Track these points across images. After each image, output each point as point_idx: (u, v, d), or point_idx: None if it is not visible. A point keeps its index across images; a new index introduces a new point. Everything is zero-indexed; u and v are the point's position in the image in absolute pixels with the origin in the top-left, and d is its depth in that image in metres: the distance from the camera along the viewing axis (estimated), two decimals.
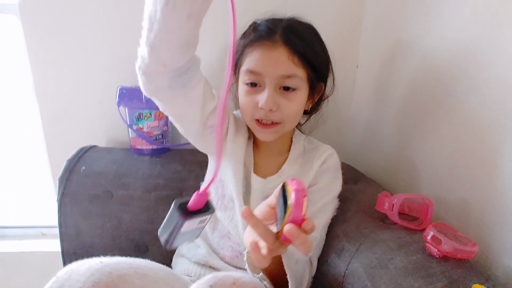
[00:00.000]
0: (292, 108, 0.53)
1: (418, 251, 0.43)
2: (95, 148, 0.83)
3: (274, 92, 0.51)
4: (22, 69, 0.88)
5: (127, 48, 0.85)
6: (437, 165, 0.58)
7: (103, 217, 0.71)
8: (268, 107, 0.50)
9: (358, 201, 0.60)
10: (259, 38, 0.51)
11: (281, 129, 0.55)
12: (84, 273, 0.36)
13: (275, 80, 0.50)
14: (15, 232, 1.06)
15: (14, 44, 0.89)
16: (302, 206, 0.31)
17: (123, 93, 0.78)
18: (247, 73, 0.52)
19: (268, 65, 0.50)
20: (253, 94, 0.52)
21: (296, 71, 0.50)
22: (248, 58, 0.52)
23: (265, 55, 0.50)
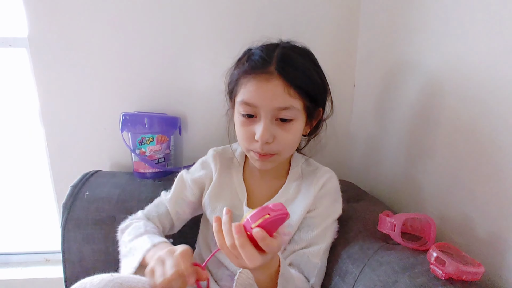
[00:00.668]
0: (289, 139, 0.52)
1: (423, 273, 0.42)
2: (99, 173, 0.84)
3: (270, 124, 0.50)
4: (29, 98, 0.91)
5: (129, 76, 0.89)
6: (440, 183, 0.58)
7: (106, 242, 0.71)
8: (264, 140, 0.50)
9: (361, 220, 0.60)
10: (253, 69, 0.50)
11: (278, 158, 0.55)
12: (97, 284, 0.38)
13: (271, 112, 0.49)
14: (19, 259, 1.06)
15: (22, 75, 0.94)
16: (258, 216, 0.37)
17: (126, 119, 0.80)
18: (242, 104, 0.51)
19: (263, 98, 0.49)
20: (249, 125, 0.52)
21: (293, 102, 0.49)
22: (243, 89, 0.51)
23: (260, 88, 0.49)
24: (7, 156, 1.19)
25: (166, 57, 0.88)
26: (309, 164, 0.64)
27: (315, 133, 0.62)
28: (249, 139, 0.52)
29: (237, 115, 0.54)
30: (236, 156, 0.65)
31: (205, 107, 0.92)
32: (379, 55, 0.81)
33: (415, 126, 0.66)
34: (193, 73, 0.90)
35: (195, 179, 0.63)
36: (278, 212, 0.37)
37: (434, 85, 0.60)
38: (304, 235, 0.55)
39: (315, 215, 0.56)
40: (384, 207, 0.66)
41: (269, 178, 0.61)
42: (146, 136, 0.81)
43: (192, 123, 0.93)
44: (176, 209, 0.63)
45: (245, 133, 0.53)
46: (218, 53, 0.88)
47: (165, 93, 0.91)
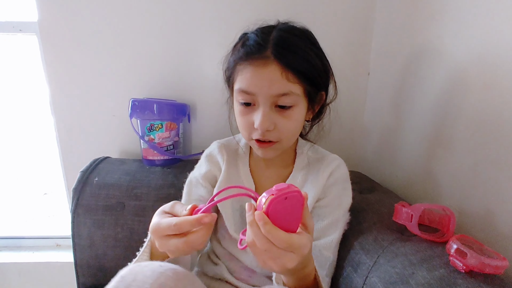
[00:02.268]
0: (290, 126, 0.50)
1: (441, 266, 0.40)
2: (108, 160, 0.84)
3: (269, 111, 0.48)
4: (39, 85, 0.91)
5: (139, 62, 0.88)
6: (460, 175, 0.55)
7: (116, 228, 0.72)
8: (263, 128, 0.48)
9: (375, 211, 0.58)
10: (248, 55, 0.47)
11: (280, 146, 0.53)
12: (150, 275, 0.36)
13: (269, 99, 0.47)
14: (31, 243, 1.08)
15: (32, 62, 0.94)
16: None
17: (135, 105, 0.79)
18: (239, 92, 0.49)
19: (260, 85, 0.46)
20: (248, 113, 0.50)
21: (292, 88, 0.46)
22: (239, 76, 0.49)
23: (256, 74, 0.46)
24: (19, 142, 1.20)
25: (176, 43, 0.86)
26: (315, 151, 0.62)
27: (319, 119, 0.60)
28: (249, 128, 0.51)
29: (236, 104, 0.52)
30: (241, 147, 0.63)
31: (215, 95, 0.90)
32: (397, 42, 0.77)
33: (435, 117, 0.63)
34: (203, 60, 0.88)
35: (206, 174, 0.61)
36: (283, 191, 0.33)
37: (457, 74, 0.57)
38: (314, 225, 0.53)
39: (325, 204, 0.55)
40: (398, 199, 0.64)
41: (275, 168, 0.60)
42: (155, 123, 0.80)
43: (201, 111, 0.92)
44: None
45: (245, 122, 0.51)
46: (228, 39, 0.86)
47: (175, 80, 0.90)
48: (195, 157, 0.88)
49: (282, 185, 0.34)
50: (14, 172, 1.26)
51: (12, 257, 1.01)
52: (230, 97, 0.57)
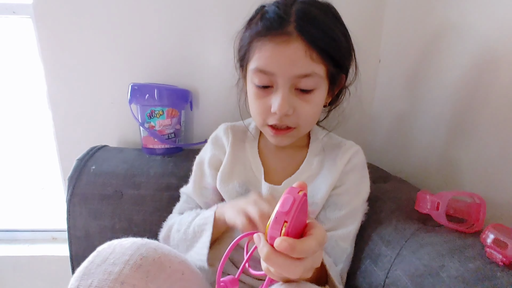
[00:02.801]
0: (310, 111, 0.46)
1: (475, 257, 0.36)
2: (106, 148, 0.80)
3: (289, 94, 0.43)
4: (35, 70, 0.87)
5: (139, 45, 0.83)
6: (485, 163, 0.51)
7: (113, 218, 0.67)
8: (282, 112, 0.43)
9: (392, 200, 0.54)
10: (268, 30, 0.42)
11: (296, 133, 0.49)
12: (129, 247, 0.34)
13: (290, 81, 0.43)
14: (26, 236, 1.04)
15: (27, 46, 0.89)
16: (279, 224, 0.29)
17: (135, 89, 0.75)
18: (256, 73, 0.44)
19: (281, 64, 0.42)
20: (264, 97, 0.45)
21: (315, 68, 0.42)
22: (257, 54, 0.43)
23: (277, 52, 0.41)
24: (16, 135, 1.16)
25: (177, 26, 0.82)
26: (331, 137, 0.58)
27: (337, 103, 0.56)
28: (265, 113, 0.46)
29: (250, 86, 0.47)
30: (250, 130, 0.59)
31: (218, 82, 0.86)
32: (411, 25, 0.72)
33: (456, 102, 0.58)
34: (206, 45, 0.84)
35: (210, 160, 0.58)
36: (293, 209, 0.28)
37: (483, 54, 0.52)
38: (331, 214, 0.49)
39: (342, 192, 0.50)
40: (415, 188, 0.60)
41: (287, 152, 0.56)
42: (155, 109, 0.76)
43: (203, 99, 0.88)
44: (203, 200, 0.57)
45: (260, 106, 0.46)
46: (231, 22, 0.81)
47: (176, 66, 0.85)
48: (197, 146, 0.84)
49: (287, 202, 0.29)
50: (11, 167, 1.22)
51: (7, 250, 0.97)
52: (242, 79, 0.53)
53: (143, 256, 0.33)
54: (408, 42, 0.74)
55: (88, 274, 0.32)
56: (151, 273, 0.33)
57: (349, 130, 0.88)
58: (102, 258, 0.33)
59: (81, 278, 0.32)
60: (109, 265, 0.32)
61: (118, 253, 0.33)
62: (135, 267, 0.32)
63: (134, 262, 0.32)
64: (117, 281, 0.31)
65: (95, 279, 0.31)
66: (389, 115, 0.83)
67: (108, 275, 0.31)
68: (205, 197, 0.57)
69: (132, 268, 0.32)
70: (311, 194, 0.50)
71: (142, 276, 0.32)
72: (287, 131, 0.47)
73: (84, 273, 0.32)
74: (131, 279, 0.31)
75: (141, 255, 0.33)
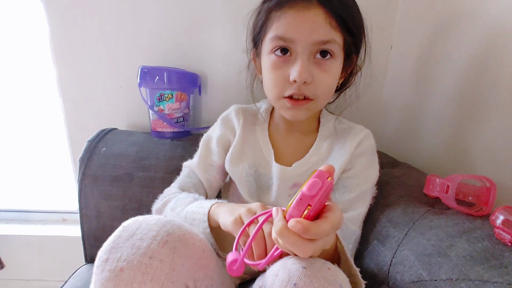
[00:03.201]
0: (328, 81, 0.46)
1: (484, 238, 0.36)
2: (116, 131, 0.81)
3: (308, 62, 0.44)
4: (44, 54, 0.87)
5: (148, 28, 0.83)
6: (496, 149, 0.50)
7: (123, 199, 0.69)
8: (302, 79, 0.43)
9: (401, 185, 0.54)
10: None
11: (313, 106, 0.48)
12: (155, 223, 0.35)
13: (309, 47, 0.43)
14: (38, 217, 1.07)
15: (36, 30, 0.89)
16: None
17: (145, 72, 0.75)
18: (275, 40, 0.44)
19: (302, 30, 0.42)
20: (282, 67, 0.45)
21: (334, 35, 0.43)
22: (276, 24, 0.44)
23: (297, 18, 0.42)
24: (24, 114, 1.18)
25: (187, 10, 0.81)
26: (341, 122, 0.58)
27: (347, 85, 0.56)
28: (282, 83, 0.46)
29: (267, 58, 0.47)
30: (261, 112, 0.59)
31: (226, 67, 0.85)
32: (427, 7, 0.71)
33: (468, 87, 0.58)
34: (215, 29, 0.83)
35: (219, 138, 0.58)
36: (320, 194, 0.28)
37: (496, 38, 0.51)
38: (340, 197, 0.50)
39: (352, 175, 0.51)
40: (423, 173, 0.60)
41: (297, 135, 0.56)
42: (165, 92, 0.76)
43: (212, 84, 0.88)
44: (206, 176, 0.58)
45: (277, 76, 0.46)
46: (240, 7, 0.80)
47: (185, 50, 0.85)
48: (205, 131, 0.84)
49: (314, 186, 0.28)
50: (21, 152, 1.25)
51: (20, 230, 1.00)
52: (256, 59, 0.53)
53: (169, 233, 0.34)
54: (421, 29, 0.73)
55: (116, 248, 0.32)
56: (177, 249, 0.33)
57: (359, 116, 0.88)
58: (129, 233, 0.34)
59: (109, 251, 0.32)
60: (136, 240, 0.33)
61: (145, 228, 0.34)
62: (162, 242, 0.33)
63: (161, 238, 0.33)
64: (146, 256, 0.32)
65: (124, 252, 0.32)
66: (399, 102, 0.82)
67: (136, 249, 0.32)
68: (208, 174, 0.58)
69: (159, 243, 0.33)
70: None
71: (169, 251, 0.33)
72: (304, 102, 0.47)
73: (112, 247, 0.33)
74: (159, 254, 0.32)
75: (167, 232, 0.34)
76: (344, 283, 0.31)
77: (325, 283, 0.29)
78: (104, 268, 0.32)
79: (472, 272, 0.33)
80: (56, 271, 1.01)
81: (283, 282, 0.30)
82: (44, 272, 1.02)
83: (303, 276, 0.30)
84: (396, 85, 0.84)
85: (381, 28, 0.83)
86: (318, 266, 0.31)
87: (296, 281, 0.30)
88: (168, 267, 0.32)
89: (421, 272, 0.36)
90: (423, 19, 0.72)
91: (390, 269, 0.41)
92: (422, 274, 0.36)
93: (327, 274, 0.31)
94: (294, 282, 0.29)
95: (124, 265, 0.31)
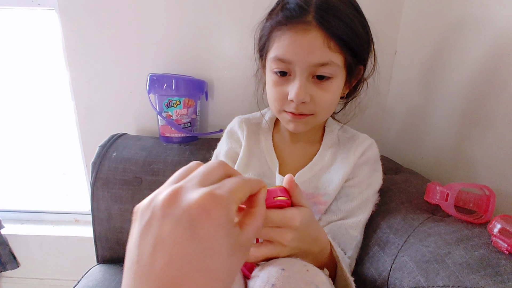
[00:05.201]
0: (327, 99, 0.46)
1: (481, 246, 0.37)
2: (126, 136, 0.84)
3: (306, 82, 0.44)
4: (58, 61, 0.91)
5: (157, 37, 0.86)
6: (500, 155, 0.51)
7: (133, 202, 0.71)
8: (299, 100, 0.44)
9: (402, 191, 0.55)
10: (288, 19, 0.43)
11: (314, 120, 0.49)
12: None
13: (307, 69, 0.44)
14: (51, 218, 1.11)
15: (51, 38, 0.93)
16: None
17: (154, 80, 0.77)
18: (275, 61, 0.46)
19: (299, 52, 0.43)
20: (282, 84, 0.47)
21: (332, 57, 0.43)
22: (276, 44, 0.45)
23: (296, 41, 0.43)
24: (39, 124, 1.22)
25: (194, 18, 0.84)
26: (345, 131, 0.59)
27: (354, 95, 0.56)
28: (282, 100, 0.47)
29: (269, 74, 0.49)
30: (266, 121, 0.60)
31: (232, 73, 0.88)
32: (432, 12, 0.71)
33: (472, 94, 0.58)
34: (222, 36, 0.85)
35: (227, 153, 0.59)
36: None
37: (502, 45, 0.52)
38: (343, 206, 0.51)
39: (354, 184, 0.52)
40: (426, 180, 0.61)
41: (301, 144, 0.57)
42: (173, 99, 0.79)
43: (218, 90, 0.90)
44: None
45: (278, 93, 0.47)
46: (248, 13, 0.82)
47: (192, 57, 0.87)
48: (212, 136, 0.86)
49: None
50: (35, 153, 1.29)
51: (34, 230, 1.05)
52: (261, 69, 0.54)
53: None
54: (426, 34, 0.73)
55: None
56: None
57: (363, 122, 0.88)
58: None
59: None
60: None
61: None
62: None
63: None
64: None
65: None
66: (403, 107, 0.83)
67: None
68: None
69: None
70: (324, 186, 0.52)
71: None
72: (304, 116, 0.48)
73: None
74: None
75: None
76: (321, 284, 0.33)
77: (301, 284, 0.31)
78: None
79: (468, 280, 0.34)
80: (69, 271, 1.05)
81: (262, 282, 0.32)
82: (58, 271, 1.06)
83: (281, 277, 0.32)
84: (400, 91, 0.85)
85: (386, 33, 0.84)
86: (297, 268, 0.33)
87: (274, 281, 0.32)
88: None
89: (419, 279, 0.38)
90: (429, 25, 0.72)
91: (390, 275, 0.42)
92: (420, 281, 0.37)
93: (305, 275, 0.33)
94: (272, 283, 0.32)
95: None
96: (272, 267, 0.34)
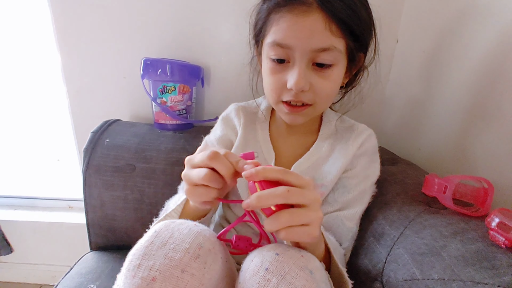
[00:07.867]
0: (327, 88, 0.44)
1: (477, 239, 0.37)
2: (119, 122, 0.82)
3: (306, 69, 0.42)
4: (49, 45, 0.87)
5: (152, 20, 0.82)
6: (501, 147, 0.50)
7: (125, 190, 0.70)
8: (298, 88, 0.42)
9: (399, 183, 0.54)
10: (288, 0, 0.41)
11: (312, 111, 0.47)
12: (187, 233, 0.34)
13: (307, 55, 0.41)
14: (44, 204, 1.10)
15: (41, 21, 0.89)
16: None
17: (148, 64, 0.75)
18: (272, 46, 0.43)
19: (299, 36, 0.40)
20: (280, 72, 0.44)
21: (334, 42, 0.40)
22: (274, 28, 0.42)
23: (295, 24, 0.40)
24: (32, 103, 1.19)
25: (190, 1, 0.80)
26: (343, 120, 0.57)
27: (353, 85, 0.54)
28: (280, 89, 0.45)
29: (266, 61, 0.46)
30: (262, 110, 0.58)
31: (229, 59, 0.85)
32: (435, 2, 0.69)
33: (475, 86, 0.56)
34: (218, 21, 0.82)
35: (220, 138, 0.57)
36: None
37: (507, 38, 0.50)
38: (339, 197, 0.50)
39: (352, 175, 0.51)
40: (423, 171, 0.60)
41: (298, 135, 0.55)
42: (167, 84, 0.76)
43: (214, 76, 0.88)
44: None
45: (275, 82, 0.45)
46: None
47: (188, 42, 0.84)
48: (208, 123, 0.85)
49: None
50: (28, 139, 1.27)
51: (27, 216, 1.04)
52: (257, 57, 0.52)
53: (201, 246, 0.34)
54: (429, 23, 0.71)
55: (149, 255, 0.32)
56: (208, 264, 0.33)
57: (361, 111, 0.87)
58: (162, 240, 0.33)
59: (142, 257, 0.32)
60: (169, 250, 0.32)
61: (177, 238, 0.33)
62: (194, 256, 0.33)
63: (194, 252, 0.33)
64: (178, 268, 0.32)
65: (157, 262, 0.32)
66: (403, 97, 0.81)
67: (169, 261, 0.32)
68: None
69: (191, 257, 0.33)
70: (321, 177, 0.51)
71: (200, 266, 0.33)
72: (302, 108, 0.46)
73: (145, 253, 0.32)
74: (190, 268, 0.32)
75: (199, 245, 0.34)
76: (316, 270, 0.33)
77: (295, 269, 0.31)
78: (136, 274, 0.31)
79: (463, 273, 0.33)
80: (62, 256, 1.05)
81: (256, 266, 0.32)
82: (51, 257, 1.06)
83: (275, 262, 0.32)
84: (400, 80, 0.83)
85: (387, 21, 0.81)
86: (291, 253, 0.33)
87: (268, 266, 0.32)
88: (198, 281, 0.32)
89: (414, 271, 0.37)
90: (432, 13, 0.70)
91: (385, 267, 0.42)
92: (415, 273, 0.37)
93: (299, 260, 0.32)
94: (266, 267, 0.32)
95: (156, 275, 0.31)
96: (267, 251, 0.33)
